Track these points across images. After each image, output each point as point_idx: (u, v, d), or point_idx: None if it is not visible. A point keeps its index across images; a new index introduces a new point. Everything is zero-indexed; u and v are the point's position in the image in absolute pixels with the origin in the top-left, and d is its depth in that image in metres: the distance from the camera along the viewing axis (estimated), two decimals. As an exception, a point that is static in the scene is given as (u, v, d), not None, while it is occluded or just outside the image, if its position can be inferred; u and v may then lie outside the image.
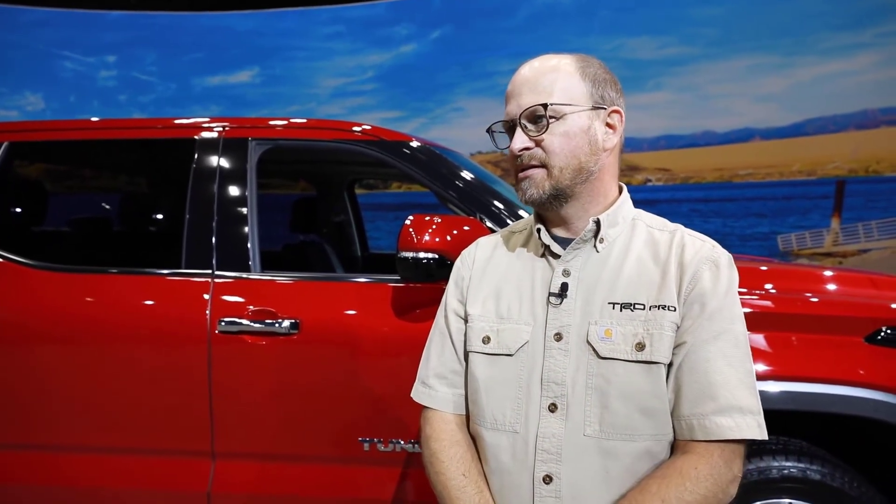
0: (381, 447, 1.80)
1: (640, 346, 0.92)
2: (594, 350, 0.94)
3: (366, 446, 1.80)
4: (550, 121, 0.96)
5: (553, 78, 0.97)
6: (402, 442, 1.79)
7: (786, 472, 1.64)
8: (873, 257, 7.47)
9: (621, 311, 0.94)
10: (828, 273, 2.00)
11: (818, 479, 1.63)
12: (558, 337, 0.96)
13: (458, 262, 1.13)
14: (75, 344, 1.88)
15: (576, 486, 0.92)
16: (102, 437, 1.89)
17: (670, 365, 0.93)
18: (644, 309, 0.94)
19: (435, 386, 1.07)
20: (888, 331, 1.69)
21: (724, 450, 0.90)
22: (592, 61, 1.01)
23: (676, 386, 0.93)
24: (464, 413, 1.06)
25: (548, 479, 0.93)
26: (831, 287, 1.89)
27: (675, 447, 0.95)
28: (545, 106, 0.95)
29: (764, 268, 1.98)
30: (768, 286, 1.80)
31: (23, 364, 1.90)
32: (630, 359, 0.92)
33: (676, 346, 0.93)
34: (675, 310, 0.93)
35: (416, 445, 1.79)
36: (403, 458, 1.81)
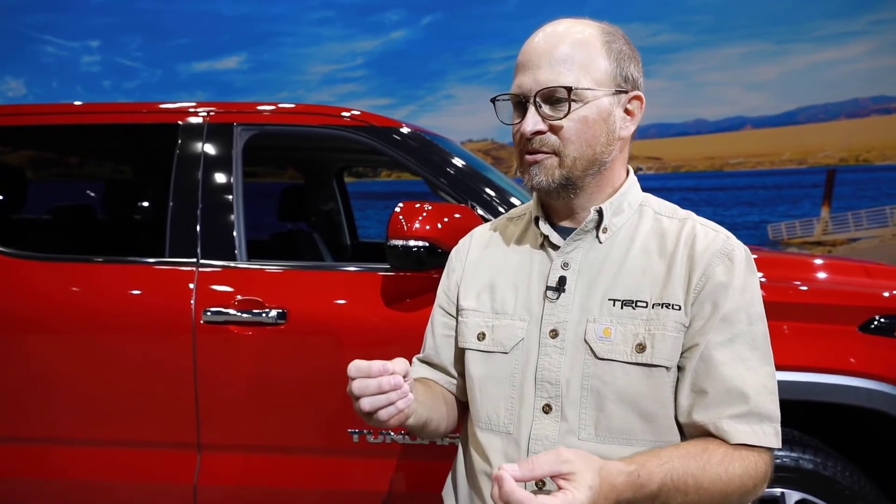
0: (371, 438, 1.78)
1: (641, 348, 0.87)
2: (591, 350, 0.88)
3: (355, 437, 1.78)
4: (572, 105, 0.86)
5: (576, 53, 0.87)
6: (392, 433, 1.77)
7: (778, 461, 1.64)
8: (862, 246, 7.54)
9: (622, 308, 0.88)
10: (820, 262, 1.99)
11: (811, 469, 1.63)
12: (554, 334, 0.91)
13: (452, 253, 1.08)
14: (57, 334, 1.84)
15: None
16: (86, 429, 1.85)
17: (682, 369, 0.87)
18: (647, 307, 0.88)
19: (415, 366, 1.09)
20: (882, 319, 1.68)
21: (754, 451, 0.85)
22: (617, 34, 0.91)
23: (691, 392, 0.87)
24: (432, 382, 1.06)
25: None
26: (824, 276, 1.88)
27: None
28: (569, 90, 0.85)
29: (755, 256, 1.96)
30: (760, 275, 1.79)
31: (3, 355, 1.85)
32: (629, 360, 0.87)
33: (688, 349, 0.87)
34: (679, 308, 0.87)
35: (405, 436, 1.77)
36: (393, 449, 1.79)
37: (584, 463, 0.73)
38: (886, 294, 1.75)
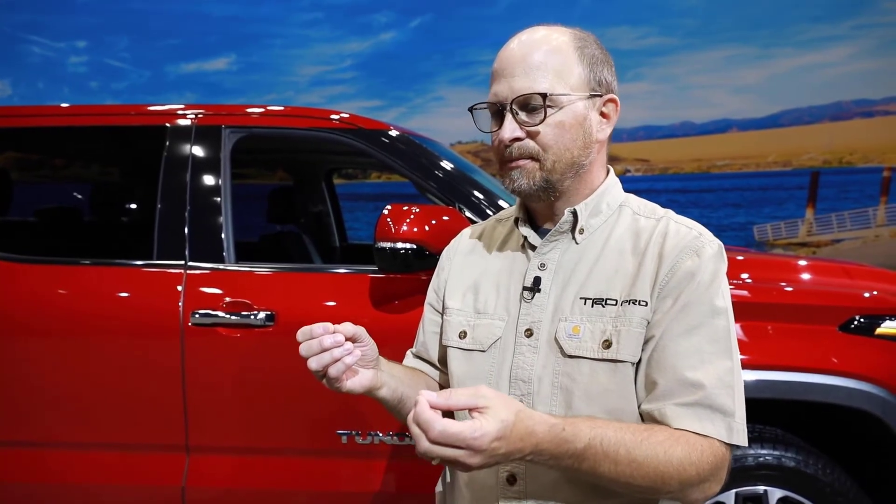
0: (360, 440, 1.78)
1: (607, 344, 0.87)
2: (560, 348, 0.89)
3: (344, 439, 1.79)
4: (548, 110, 0.87)
5: (549, 59, 0.88)
6: (381, 434, 1.78)
7: (761, 459, 1.67)
8: (846, 247, 7.63)
9: (592, 306, 0.89)
10: (802, 263, 2.02)
11: (793, 466, 1.66)
12: (529, 333, 0.92)
13: (443, 253, 1.11)
14: (45, 337, 1.83)
15: (540, 486, 0.90)
16: (74, 432, 1.84)
17: (640, 362, 0.87)
18: (616, 304, 0.88)
19: (408, 359, 1.13)
20: (861, 319, 1.71)
21: (702, 440, 0.82)
22: (589, 39, 0.92)
23: (646, 384, 0.86)
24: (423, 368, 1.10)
25: (512, 480, 0.91)
26: (806, 277, 1.91)
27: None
28: (544, 96, 0.86)
29: (740, 257, 1.99)
30: (744, 276, 1.81)
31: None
32: (596, 357, 0.87)
33: (647, 341, 0.86)
34: (646, 304, 0.87)
35: (394, 437, 1.78)
36: (382, 450, 1.79)
37: (500, 401, 0.73)
38: (866, 294, 1.78)
